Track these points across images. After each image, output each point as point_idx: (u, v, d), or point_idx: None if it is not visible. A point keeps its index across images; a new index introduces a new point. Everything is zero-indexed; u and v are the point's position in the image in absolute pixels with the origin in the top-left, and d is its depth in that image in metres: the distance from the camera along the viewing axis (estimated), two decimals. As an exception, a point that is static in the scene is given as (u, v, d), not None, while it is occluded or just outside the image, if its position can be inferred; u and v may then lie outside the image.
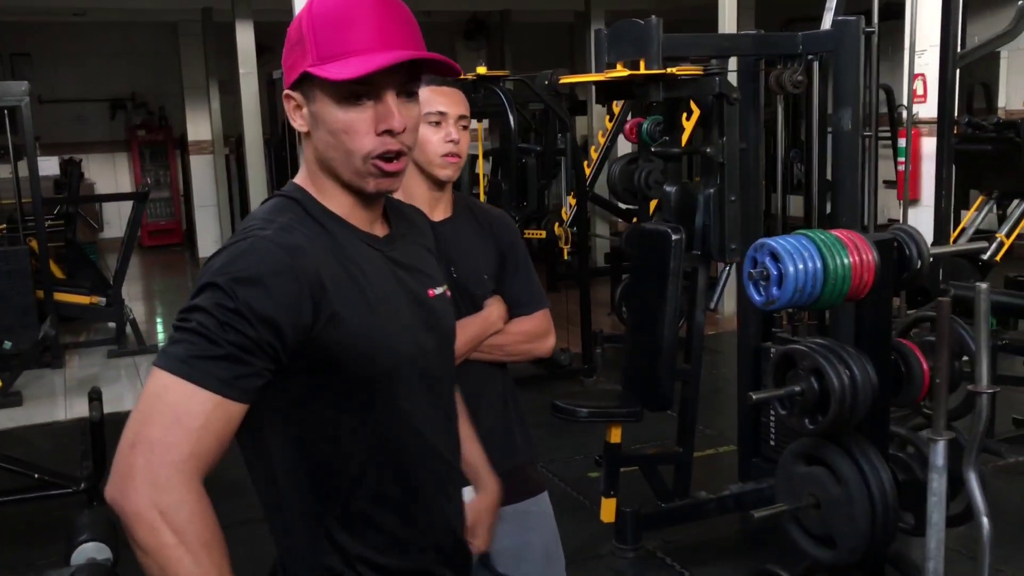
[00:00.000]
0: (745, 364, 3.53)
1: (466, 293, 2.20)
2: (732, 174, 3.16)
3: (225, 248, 1.20)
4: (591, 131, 8.99)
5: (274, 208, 1.27)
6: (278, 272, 1.16)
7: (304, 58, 1.21)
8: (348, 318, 1.21)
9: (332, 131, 1.23)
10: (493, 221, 2.27)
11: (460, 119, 2.15)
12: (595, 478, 3.56)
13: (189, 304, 1.15)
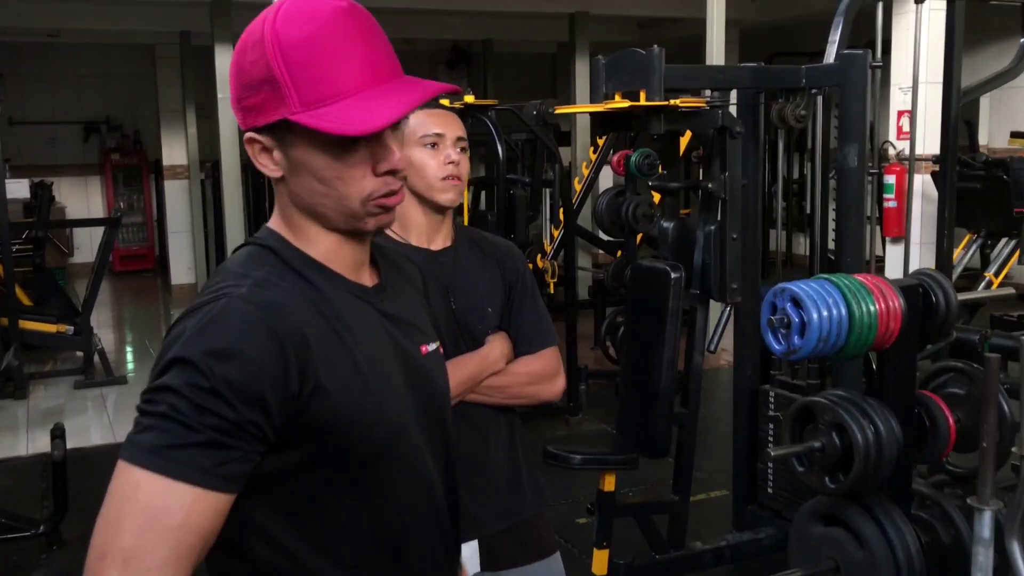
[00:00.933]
0: (741, 407, 3.40)
1: (465, 327, 2.04)
2: (734, 211, 3.03)
3: (194, 310, 1.04)
4: (575, 162, 8.90)
5: (247, 259, 1.12)
6: (257, 339, 1.01)
7: (280, 102, 1.05)
8: (338, 387, 1.06)
9: (322, 179, 1.08)
10: (499, 251, 2.12)
11: (458, 140, 2.02)
12: (585, 524, 3.40)
13: (156, 383, 0.99)
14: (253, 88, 1.07)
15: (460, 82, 11.31)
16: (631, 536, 3.34)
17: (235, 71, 1.09)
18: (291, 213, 1.13)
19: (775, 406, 3.20)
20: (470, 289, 2.06)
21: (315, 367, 1.03)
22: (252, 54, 1.07)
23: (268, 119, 1.07)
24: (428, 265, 2.03)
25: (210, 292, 1.06)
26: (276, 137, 1.08)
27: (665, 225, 3.32)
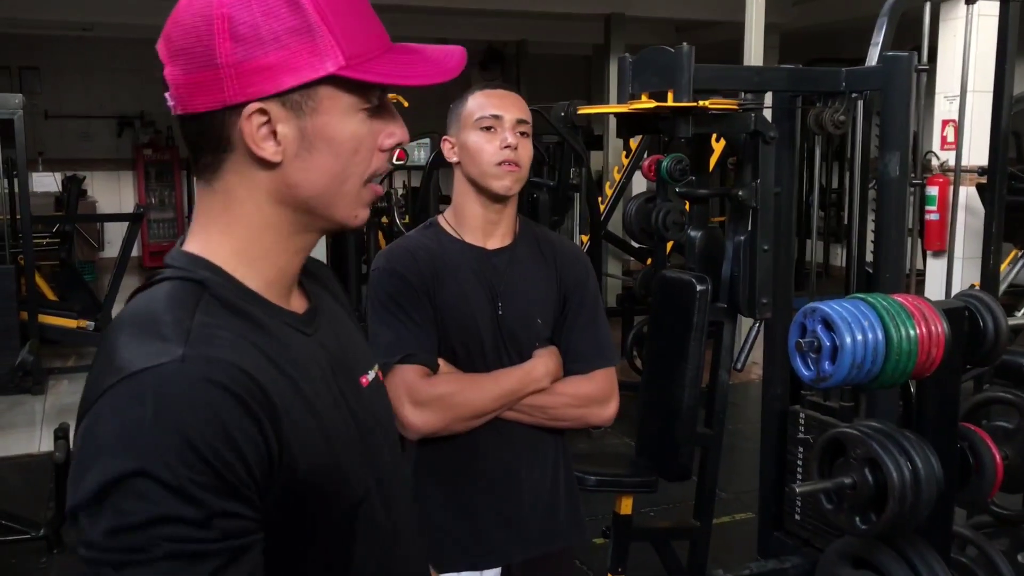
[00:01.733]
0: (769, 429, 3.21)
1: (511, 337, 1.87)
2: (766, 220, 2.86)
3: (114, 389, 0.80)
4: (606, 167, 8.74)
5: (168, 300, 0.87)
6: (228, 416, 0.80)
7: (318, 56, 0.87)
8: (305, 451, 0.88)
9: (342, 152, 0.91)
10: (560, 255, 1.95)
11: (518, 124, 1.84)
12: (600, 545, 3.24)
13: (124, 518, 0.76)
14: (270, 42, 0.86)
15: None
16: (649, 560, 3.18)
17: (233, 25, 0.86)
18: (252, 219, 0.92)
19: (805, 428, 3.02)
20: (520, 296, 1.90)
21: (285, 431, 0.85)
22: (261, 2, 0.86)
23: (295, 80, 0.87)
24: (478, 265, 1.88)
25: (125, 361, 0.81)
26: (291, 104, 0.88)
27: (693, 234, 3.15)
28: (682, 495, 3.54)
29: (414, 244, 1.91)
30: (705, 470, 3.10)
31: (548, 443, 1.95)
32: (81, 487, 0.78)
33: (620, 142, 7.63)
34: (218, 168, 0.91)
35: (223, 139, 0.89)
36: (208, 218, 0.93)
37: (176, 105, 0.90)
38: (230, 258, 0.92)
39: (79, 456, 0.80)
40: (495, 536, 1.90)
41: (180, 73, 0.88)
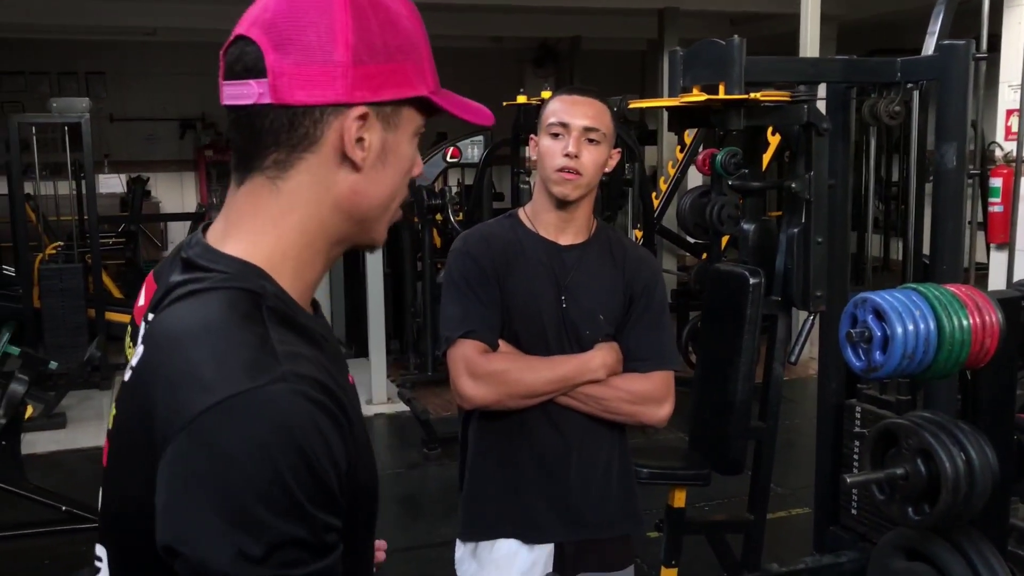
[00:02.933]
0: (825, 423, 3.18)
1: (573, 330, 1.96)
2: (819, 212, 2.84)
3: (223, 428, 0.77)
4: (660, 161, 8.70)
5: (232, 313, 0.84)
6: (333, 437, 0.81)
7: (419, 77, 0.92)
8: (361, 451, 0.89)
9: (401, 169, 0.95)
10: (630, 259, 2.04)
11: (587, 131, 1.92)
12: (655, 539, 3.25)
13: (248, 551, 0.75)
14: (385, 54, 0.89)
15: (548, 80, 11.21)
16: (703, 554, 3.18)
17: (355, 27, 0.87)
18: (310, 224, 0.91)
19: (861, 422, 2.99)
20: (585, 292, 1.98)
21: (356, 435, 0.87)
22: (380, 13, 0.89)
23: (396, 94, 0.90)
24: (548, 258, 1.96)
25: (226, 375, 0.79)
26: (383, 116, 0.91)
27: (746, 227, 3.14)
28: (737, 490, 3.53)
29: (490, 231, 2.05)
30: (759, 464, 3.09)
31: (604, 434, 2.01)
32: (210, 530, 0.76)
33: (674, 137, 7.60)
34: (290, 166, 0.90)
35: (311, 136, 0.89)
36: (263, 218, 0.91)
37: (269, 94, 0.87)
38: (282, 264, 0.90)
39: (196, 493, 0.77)
40: (543, 515, 1.98)
41: (289, 64, 0.86)
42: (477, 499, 2.02)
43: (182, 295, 0.87)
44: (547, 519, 1.97)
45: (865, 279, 3.23)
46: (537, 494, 1.97)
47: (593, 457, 1.99)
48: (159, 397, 0.81)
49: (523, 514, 1.97)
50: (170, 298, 0.89)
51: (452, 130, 8.55)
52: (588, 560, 2.01)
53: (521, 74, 11.92)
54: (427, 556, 3.93)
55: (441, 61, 1.00)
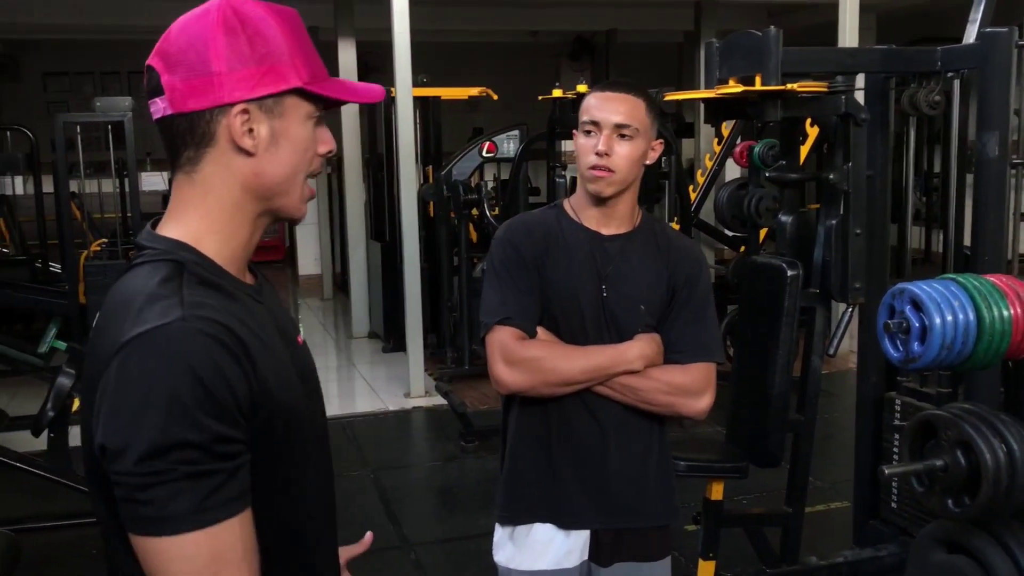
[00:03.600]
0: (864, 416, 3.17)
1: (613, 319, 1.97)
2: (858, 204, 2.82)
3: (131, 345, 1.00)
4: (698, 154, 8.65)
5: (159, 281, 1.06)
6: (221, 359, 1.01)
7: (288, 73, 1.11)
8: (276, 385, 1.09)
9: (298, 149, 1.14)
10: (674, 250, 2.03)
11: (618, 128, 1.91)
12: (692, 532, 3.25)
13: (151, 446, 0.97)
14: (255, 60, 1.09)
15: (583, 74, 11.18)
16: (741, 547, 3.17)
17: (225, 43, 1.08)
18: (225, 203, 1.12)
19: (901, 415, 2.96)
20: (627, 282, 1.98)
21: (260, 371, 1.06)
22: (248, 28, 1.09)
23: (271, 89, 1.10)
24: (591, 247, 1.98)
25: (143, 319, 1.01)
26: (265, 108, 1.11)
27: (784, 219, 3.12)
28: (774, 483, 3.52)
29: (533, 219, 2.07)
30: (797, 457, 3.08)
31: (642, 424, 2.01)
32: (125, 431, 0.98)
33: (712, 129, 7.55)
34: (199, 160, 1.11)
35: (208, 134, 1.10)
36: (186, 204, 1.13)
37: (168, 107, 1.10)
38: (204, 238, 1.12)
39: (116, 401, 0.99)
40: (578, 501, 2.00)
41: (179, 80, 1.09)
42: (515, 483, 2.04)
43: (127, 269, 1.13)
44: (584, 506, 1.99)
45: (905, 271, 3.19)
46: (574, 480, 1.99)
47: (630, 446, 2.00)
48: (102, 347, 1.05)
49: (559, 499, 1.99)
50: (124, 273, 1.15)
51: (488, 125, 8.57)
52: (624, 549, 2.02)
53: (557, 68, 11.91)
54: (464, 548, 3.95)
55: (477, 56, 1.03)
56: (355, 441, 5.45)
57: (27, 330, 7.09)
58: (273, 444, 1.09)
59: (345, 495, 4.58)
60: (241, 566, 1.02)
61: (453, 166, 6.71)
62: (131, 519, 1.00)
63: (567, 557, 2.00)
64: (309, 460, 1.19)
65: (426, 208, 6.90)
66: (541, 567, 2.00)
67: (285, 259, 12.43)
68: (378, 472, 4.92)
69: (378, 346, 7.55)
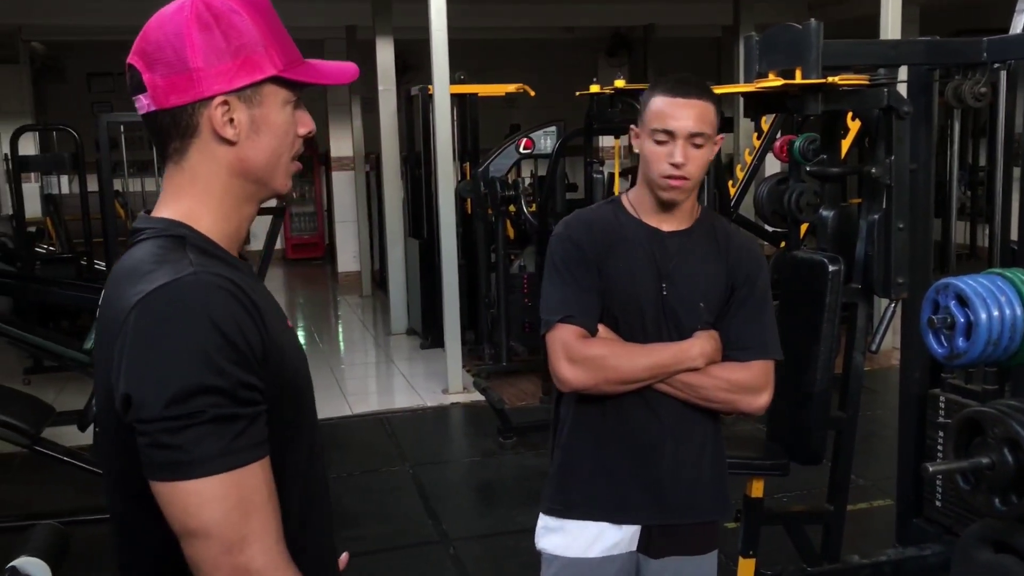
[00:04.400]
0: (908, 413, 3.13)
1: (673, 317, 1.98)
2: (901, 198, 2.78)
3: (148, 302, 1.05)
4: (737, 149, 8.58)
5: (159, 250, 1.12)
6: (236, 308, 1.06)
7: (264, 62, 1.15)
8: (287, 346, 1.16)
9: (278, 134, 1.19)
10: (734, 247, 2.03)
11: (692, 137, 1.89)
12: (732, 529, 3.22)
13: (178, 390, 1.01)
14: (231, 53, 1.13)
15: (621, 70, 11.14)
16: (781, 544, 3.14)
17: (200, 39, 1.12)
18: (214, 188, 1.17)
19: (945, 413, 2.92)
20: (686, 279, 1.98)
21: (270, 330, 1.11)
22: (221, 22, 1.13)
23: (248, 79, 1.14)
24: (650, 245, 1.99)
25: (153, 279, 1.06)
26: (244, 98, 1.15)
27: (825, 214, 3.09)
28: (816, 480, 3.48)
29: (592, 216, 2.06)
30: (839, 454, 3.04)
31: (698, 422, 2.01)
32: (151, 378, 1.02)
33: (751, 124, 7.48)
34: (186, 151, 1.16)
35: (191, 126, 1.15)
36: (178, 191, 1.18)
37: (152, 103, 1.14)
38: (199, 218, 1.17)
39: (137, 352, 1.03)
40: (633, 497, 2.00)
41: (159, 78, 1.13)
42: (567, 477, 2.05)
43: (127, 248, 1.18)
44: (638, 501, 1.99)
45: (949, 267, 3.14)
46: (630, 477, 1.99)
47: (688, 443, 2.00)
48: (112, 313, 1.09)
49: (614, 496, 2.00)
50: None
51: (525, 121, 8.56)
52: (675, 543, 2.02)
53: (594, 63, 11.86)
54: (503, 543, 3.96)
55: (514, 52, 1.03)
56: (394, 437, 5.48)
57: (73, 327, 7.21)
58: (280, 394, 1.12)
59: (384, 490, 4.61)
60: (267, 508, 1.06)
61: (490, 163, 6.71)
62: (158, 465, 1.03)
63: (616, 546, 2.02)
64: (308, 434, 1.23)
65: (463, 205, 6.91)
66: (590, 555, 2.02)
67: (325, 256, 12.54)
68: (416, 468, 4.94)
69: (416, 343, 7.59)
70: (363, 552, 3.89)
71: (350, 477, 4.81)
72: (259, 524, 1.05)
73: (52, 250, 8.18)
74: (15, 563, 1.73)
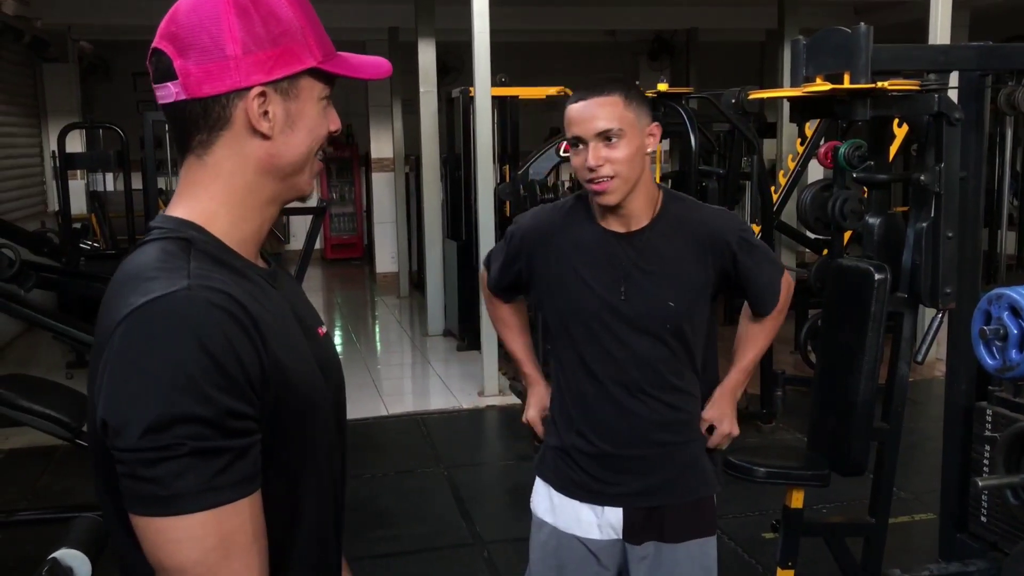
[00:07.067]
0: (953, 425, 3.06)
1: (636, 322, 2.01)
2: (950, 206, 2.72)
3: (134, 316, 0.96)
4: (780, 155, 8.50)
5: (162, 254, 1.04)
6: (228, 329, 0.97)
7: (303, 53, 1.09)
8: (290, 361, 1.05)
9: (312, 129, 1.12)
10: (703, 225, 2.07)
11: (600, 136, 1.86)
12: (770, 540, 3.18)
13: (155, 419, 0.92)
14: (270, 41, 1.06)
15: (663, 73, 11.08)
16: (820, 556, 3.09)
17: (239, 24, 1.05)
18: (237, 185, 1.10)
19: (993, 426, 2.85)
20: (650, 280, 1.96)
21: (272, 347, 1.02)
22: (260, 8, 1.07)
23: (287, 70, 1.08)
24: (606, 248, 1.98)
25: (145, 290, 0.98)
26: (281, 90, 1.08)
27: (871, 221, 3.03)
28: (857, 492, 3.42)
29: (545, 214, 2.13)
30: (881, 466, 2.98)
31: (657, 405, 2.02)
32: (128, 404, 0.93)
33: (794, 129, 7.41)
34: (212, 144, 1.08)
35: (223, 118, 1.07)
36: (196, 187, 1.10)
37: (182, 91, 1.06)
38: (214, 219, 1.09)
39: (117, 373, 0.95)
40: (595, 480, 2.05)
41: (192, 64, 1.05)
42: (547, 451, 2.17)
43: (135, 248, 1.10)
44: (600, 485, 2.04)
45: (998, 277, 3.08)
46: (589, 459, 2.05)
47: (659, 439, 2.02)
48: (105, 322, 1.01)
49: (573, 477, 2.07)
50: None
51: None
52: (655, 528, 2.04)
53: (636, 67, 11.82)
54: (538, 548, 3.94)
55: (555, 56, 1.01)
56: (429, 438, 5.48)
57: (115, 322, 7.30)
58: (283, 423, 1.04)
59: (419, 491, 4.61)
60: (251, 550, 0.98)
61: (530, 165, 6.70)
62: (133, 498, 0.95)
63: (598, 530, 2.06)
64: (318, 455, 1.14)
65: (502, 207, 6.91)
66: (574, 532, 2.08)
67: (363, 256, 12.60)
68: (451, 470, 4.94)
69: (453, 344, 7.59)
70: (398, 552, 3.89)
71: (385, 477, 4.82)
72: (241, 567, 0.97)
73: (96, 246, 8.30)
74: (56, 555, 1.75)
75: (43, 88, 9.59)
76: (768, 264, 2.08)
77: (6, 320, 6.70)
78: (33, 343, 7.72)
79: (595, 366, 2.00)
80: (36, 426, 3.81)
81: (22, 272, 5.09)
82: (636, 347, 1.96)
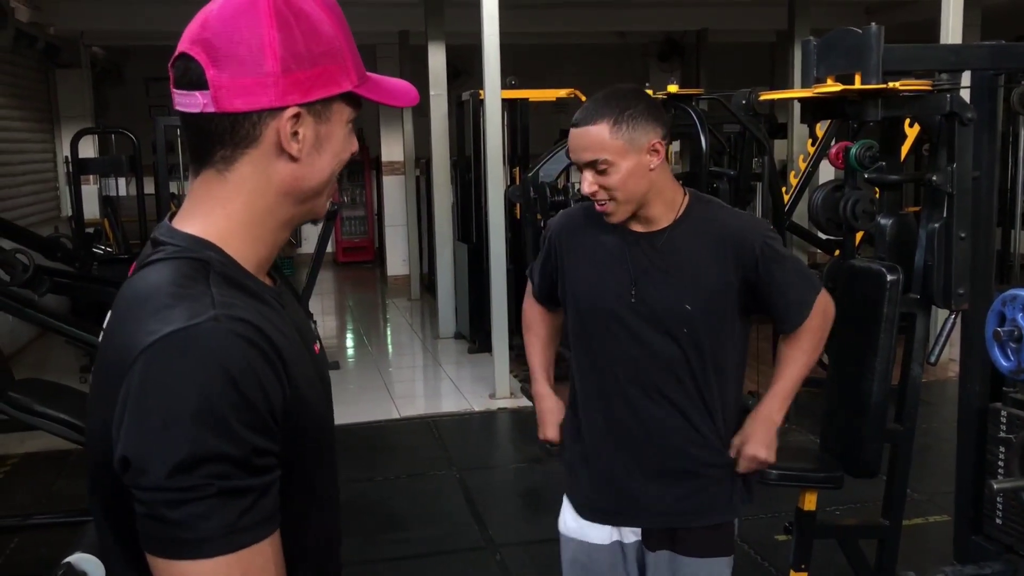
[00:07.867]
0: (967, 427, 3.05)
1: (649, 323, 2.03)
2: (963, 206, 2.71)
3: (159, 346, 0.91)
4: (791, 155, 8.48)
5: (179, 276, 0.98)
6: (255, 363, 0.93)
7: (341, 75, 1.05)
8: (307, 390, 1.03)
9: (336, 152, 1.08)
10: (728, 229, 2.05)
11: (589, 165, 1.89)
12: (783, 542, 3.17)
13: (183, 458, 0.88)
14: (310, 60, 1.02)
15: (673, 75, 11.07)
16: (834, 559, 3.08)
17: (280, 39, 1.00)
18: (257, 206, 1.05)
19: (1007, 427, 2.84)
20: (666, 281, 1.96)
21: (292, 375, 0.99)
22: (303, 23, 1.01)
23: (324, 93, 1.03)
24: (622, 247, 1.99)
25: (167, 318, 0.93)
26: (314, 112, 1.04)
27: (883, 222, 3.02)
28: (870, 494, 3.41)
29: (574, 213, 2.14)
30: (895, 467, 2.97)
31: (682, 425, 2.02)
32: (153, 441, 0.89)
33: (805, 130, 7.39)
34: (235, 160, 1.03)
35: (252, 136, 1.02)
36: (213, 202, 1.04)
37: (211, 104, 1.00)
38: (231, 239, 1.04)
39: (141, 409, 0.90)
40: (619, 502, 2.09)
41: (227, 77, 0.99)
42: (569, 474, 2.21)
43: (144, 265, 1.04)
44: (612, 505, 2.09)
45: (1011, 277, 3.07)
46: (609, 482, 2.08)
47: (670, 445, 2.03)
48: (117, 350, 0.96)
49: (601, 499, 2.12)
50: (137, 270, 1.06)
51: (576, 127, 8.51)
52: (672, 541, 2.06)
53: (646, 69, 11.81)
54: (550, 550, 3.90)
55: (565, 57, 1.01)
56: (440, 441, 5.48)
57: (128, 326, 7.33)
58: (302, 450, 1.02)
59: (430, 494, 4.61)
60: None
61: (540, 168, 6.70)
62: (155, 540, 0.91)
63: (619, 533, 2.11)
64: (332, 466, 1.14)
65: (513, 210, 6.91)
66: (592, 540, 2.13)
67: (374, 259, 12.63)
68: (463, 472, 4.94)
69: (464, 347, 7.60)
70: (410, 556, 3.89)
71: (397, 480, 4.82)
72: None
73: (109, 251, 8.33)
74: (70, 559, 1.76)
75: (56, 93, 9.65)
76: (800, 280, 2.01)
77: (20, 325, 6.74)
78: (47, 347, 7.76)
79: (611, 366, 2.00)
80: (50, 430, 3.83)
81: (36, 277, 5.12)
82: (652, 344, 1.96)
